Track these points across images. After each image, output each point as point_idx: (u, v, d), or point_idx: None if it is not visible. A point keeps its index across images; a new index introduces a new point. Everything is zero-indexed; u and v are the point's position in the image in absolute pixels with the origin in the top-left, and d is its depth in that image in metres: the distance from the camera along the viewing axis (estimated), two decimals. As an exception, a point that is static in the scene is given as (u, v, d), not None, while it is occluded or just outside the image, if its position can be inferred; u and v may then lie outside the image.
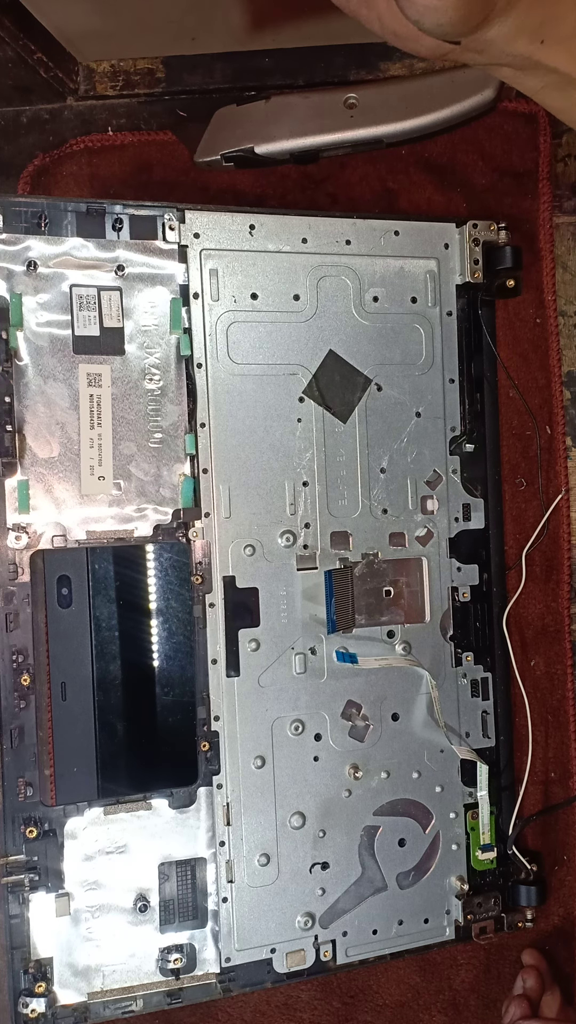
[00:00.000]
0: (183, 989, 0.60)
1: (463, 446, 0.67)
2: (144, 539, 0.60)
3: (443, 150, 0.71)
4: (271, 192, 0.70)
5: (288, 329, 0.63)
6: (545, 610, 0.71)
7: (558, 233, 0.72)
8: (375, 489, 0.65)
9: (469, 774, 0.67)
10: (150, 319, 0.60)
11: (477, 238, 0.67)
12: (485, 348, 0.68)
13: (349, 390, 0.64)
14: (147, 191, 0.68)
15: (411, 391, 0.66)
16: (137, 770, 0.68)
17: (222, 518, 0.61)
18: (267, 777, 0.62)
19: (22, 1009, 0.56)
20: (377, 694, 0.65)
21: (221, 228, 0.61)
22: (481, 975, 0.70)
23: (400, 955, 0.66)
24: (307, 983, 0.67)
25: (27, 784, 0.57)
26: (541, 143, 0.71)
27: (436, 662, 0.66)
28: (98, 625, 0.67)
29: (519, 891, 0.68)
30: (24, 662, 0.57)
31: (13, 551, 0.57)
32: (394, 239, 0.65)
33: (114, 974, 0.59)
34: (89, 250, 0.59)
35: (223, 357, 0.61)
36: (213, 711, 0.61)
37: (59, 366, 0.58)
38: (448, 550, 0.67)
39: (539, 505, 0.71)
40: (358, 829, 0.64)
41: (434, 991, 0.70)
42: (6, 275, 0.57)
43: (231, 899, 0.61)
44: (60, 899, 0.57)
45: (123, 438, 0.59)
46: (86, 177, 0.68)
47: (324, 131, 0.66)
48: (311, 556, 0.63)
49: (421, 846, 0.66)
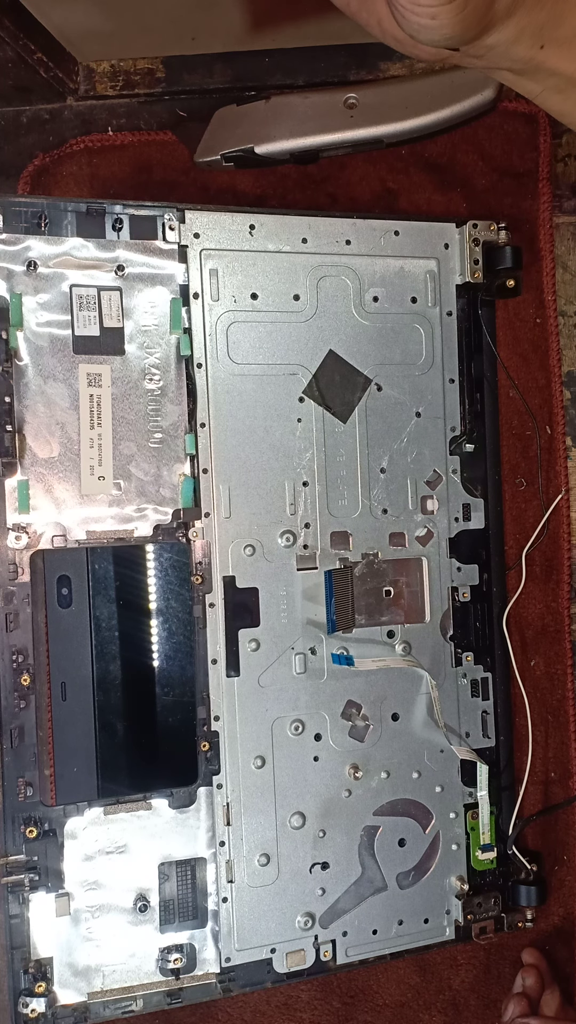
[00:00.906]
0: (183, 989, 0.60)
1: (463, 446, 0.67)
2: (144, 539, 0.60)
3: (443, 150, 0.71)
4: (271, 192, 0.70)
5: (288, 329, 0.63)
6: (545, 610, 0.71)
7: (558, 233, 0.72)
8: (375, 489, 0.65)
9: (469, 774, 0.67)
10: (150, 319, 0.60)
11: (477, 238, 0.67)
12: (485, 348, 0.68)
13: (349, 390, 0.64)
14: (147, 191, 0.68)
15: (411, 391, 0.66)
16: (137, 770, 0.67)
17: (222, 518, 0.61)
18: (267, 777, 0.62)
19: (22, 1009, 0.56)
20: (377, 694, 0.65)
21: (221, 228, 0.61)
22: (481, 975, 0.70)
23: (400, 955, 0.66)
24: (307, 983, 0.67)
25: (27, 784, 0.57)
26: (541, 143, 0.71)
27: (436, 662, 0.66)
28: (98, 625, 0.67)
29: (519, 891, 0.68)
30: (24, 662, 0.57)
31: (13, 551, 0.57)
32: (394, 239, 0.65)
33: (114, 974, 0.59)
34: (89, 250, 0.59)
35: (223, 357, 0.61)
36: (213, 711, 0.61)
37: (59, 366, 0.58)
38: (448, 550, 0.67)
39: (539, 505, 0.71)
40: (358, 829, 0.64)
41: (434, 991, 0.70)
42: (6, 275, 0.57)
43: (231, 899, 0.61)
44: (60, 899, 0.57)
45: (123, 438, 0.59)
46: (86, 177, 0.68)
47: (324, 131, 0.66)
48: (311, 556, 0.63)
49: (421, 846, 0.66)
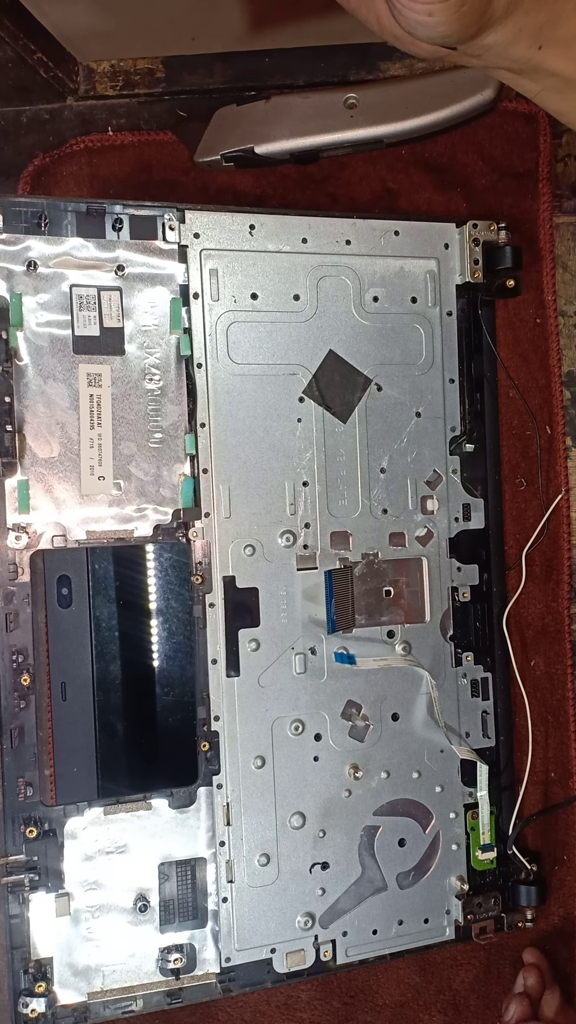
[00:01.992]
0: (183, 989, 0.60)
1: (463, 446, 0.67)
2: (144, 539, 0.60)
3: (443, 150, 0.71)
4: (271, 192, 0.70)
5: (288, 329, 0.63)
6: (545, 610, 0.71)
7: (558, 233, 0.72)
8: (375, 489, 0.65)
9: (469, 774, 0.67)
10: (150, 319, 0.60)
11: (477, 238, 0.67)
12: (485, 348, 0.68)
13: (349, 390, 0.64)
14: (147, 191, 0.68)
15: (411, 391, 0.66)
16: (137, 770, 0.67)
17: (222, 518, 0.61)
18: (267, 777, 0.62)
19: (22, 1009, 0.56)
20: (377, 694, 0.65)
21: (221, 228, 0.61)
22: (481, 975, 0.70)
23: (400, 955, 0.66)
24: (307, 983, 0.67)
25: (27, 784, 0.57)
26: (541, 143, 0.71)
27: (436, 662, 0.66)
28: (98, 625, 0.67)
29: (519, 891, 0.68)
30: (24, 662, 0.57)
31: (13, 551, 0.57)
32: (394, 239, 0.65)
33: (114, 974, 0.59)
34: (89, 250, 0.59)
35: (223, 357, 0.61)
36: (213, 711, 0.61)
37: (59, 366, 0.58)
38: (448, 550, 0.67)
39: (539, 505, 0.71)
40: (358, 829, 0.64)
41: (434, 991, 0.70)
42: (6, 275, 0.57)
43: (231, 899, 0.61)
44: (60, 899, 0.57)
45: (123, 438, 0.59)
46: (86, 177, 0.68)
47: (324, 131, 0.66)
48: (311, 556, 0.63)
49: (421, 846, 0.66)
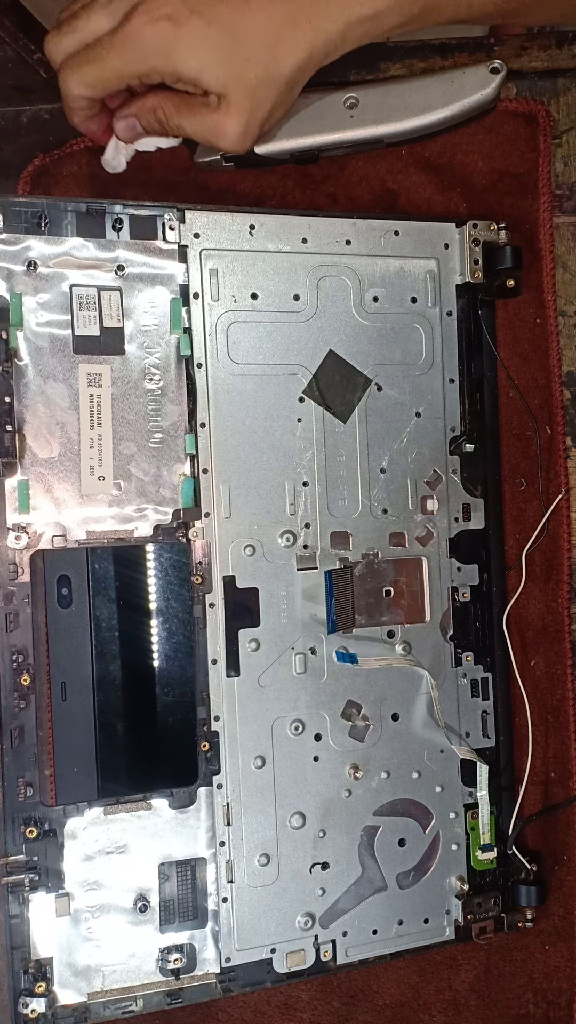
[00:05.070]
0: (183, 989, 0.60)
1: (463, 446, 0.67)
2: (144, 539, 0.60)
3: (443, 150, 0.71)
4: (271, 192, 0.69)
5: (288, 329, 0.63)
6: (545, 610, 0.71)
7: (558, 233, 0.72)
8: (375, 489, 0.65)
9: (469, 774, 0.67)
10: (150, 319, 0.60)
11: (477, 238, 0.67)
12: (485, 348, 0.68)
13: (349, 390, 0.64)
14: (147, 191, 0.68)
15: (411, 391, 0.66)
16: (137, 770, 0.67)
17: (222, 518, 0.61)
18: (267, 777, 0.62)
19: (22, 1009, 0.56)
20: (377, 694, 0.65)
21: (221, 228, 0.62)
22: (481, 975, 0.70)
23: (400, 955, 0.66)
24: (307, 983, 0.67)
25: (27, 784, 0.57)
26: (541, 143, 0.71)
27: (436, 662, 0.66)
28: (98, 625, 0.67)
29: (519, 891, 0.68)
30: (24, 662, 0.57)
31: (13, 551, 0.57)
32: (394, 239, 0.65)
33: (114, 974, 0.59)
34: (89, 250, 0.59)
35: (223, 357, 0.61)
36: (213, 711, 0.61)
37: (59, 366, 0.58)
38: (448, 550, 0.67)
39: (539, 505, 0.71)
40: (358, 829, 0.64)
41: (434, 991, 0.70)
42: (6, 275, 0.57)
43: (231, 899, 0.61)
44: (60, 899, 0.57)
45: (123, 438, 0.59)
46: (86, 177, 0.68)
47: (324, 131, 0.66)
48: (311, 556, 0.63)
49: (421, 846, 0.66)
